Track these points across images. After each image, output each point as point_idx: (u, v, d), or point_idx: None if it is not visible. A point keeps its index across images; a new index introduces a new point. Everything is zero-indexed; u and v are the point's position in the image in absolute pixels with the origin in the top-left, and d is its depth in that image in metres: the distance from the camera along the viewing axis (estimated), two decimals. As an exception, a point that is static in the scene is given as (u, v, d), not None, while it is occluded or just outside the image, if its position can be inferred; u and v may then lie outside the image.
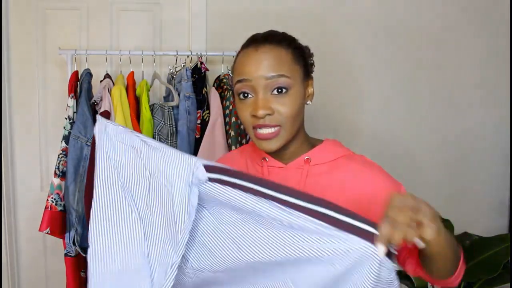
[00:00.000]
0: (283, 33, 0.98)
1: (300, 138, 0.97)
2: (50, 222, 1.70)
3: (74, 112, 1.75)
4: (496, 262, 1.85)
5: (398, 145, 2.21)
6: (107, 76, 1.86)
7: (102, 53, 1.86)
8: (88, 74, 1.82)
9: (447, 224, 2.04)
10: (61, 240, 1.77)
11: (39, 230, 1.70)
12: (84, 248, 1.74)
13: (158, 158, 0.74)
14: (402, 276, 2.04)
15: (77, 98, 1.77)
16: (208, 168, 0.73)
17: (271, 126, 0.89)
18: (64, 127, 1.75)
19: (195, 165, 0.72)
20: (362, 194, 0.90)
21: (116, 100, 1.73)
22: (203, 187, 0.73)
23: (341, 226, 0.68)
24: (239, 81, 0.91)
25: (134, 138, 0.77)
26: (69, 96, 1.77)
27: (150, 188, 0.75)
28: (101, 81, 1.86)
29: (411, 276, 1.99)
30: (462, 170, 2.24)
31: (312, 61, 1.00)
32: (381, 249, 0.66)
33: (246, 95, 0.91)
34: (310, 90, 0.97)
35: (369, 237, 0.67)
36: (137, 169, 0.76)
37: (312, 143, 1.01)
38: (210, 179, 0.72)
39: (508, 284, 1.87)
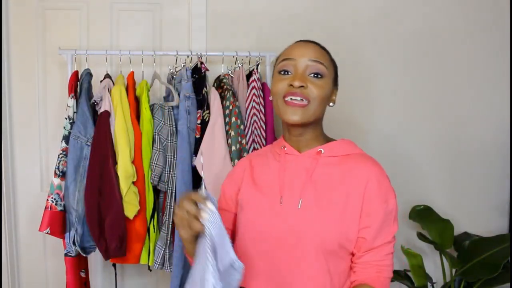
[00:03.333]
0: None
1: (317, 131, 1.10)
2: (50, 222, 1.70)
3: (74, 112, 1.75)
4: (496, 262, 1.85)
5: (398, 146, 2.21)
6: (107, 76, 1.86)
7: (102, 53, 1.86)
8: (88, 74, 1.82)
9: (447, 224, 2.04)
10: (61, 240, 1.77)
11: (39, 230, 1.70)
12: (84, 248, 1.74)
13: None
14: (402, 276, 2.04)
15: (77, 98, 1.77)
16: None
17: (301, 97, 1.02)
18: (64, 127, 1.75)
19: None
20: (354, 190, 1.03)
21: (116, 100, 1.73)
22: None
23: None
24: (284, 59, 1.06)
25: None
26: (69, 96, 1.77)
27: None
28: (101, 81, 1.86)
29: (411, 276, 1.99)
30: (462, 171, 2.24)
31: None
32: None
33: (286, 72, 1.05)
34: (333, 97, 1.11)
35: None
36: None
37: (328, 139, 1.14)
38: None
39: (508, 284, 1.87)
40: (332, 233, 1.00)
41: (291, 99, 1.02)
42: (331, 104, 1.10)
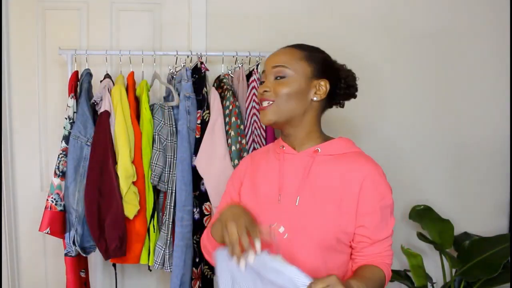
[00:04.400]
0: (311, 45, 1.19)
1: (307, 129, 1.13)
2: (50, 222, 1.70)
3: (74, 112, 1.75)
4: (496, 262, 1.85)
5: (398, 146, 2.21)
6: (107, 76, 1.86)
7: (102, 53, 1.86)
8: (88, 74, 1.82)
9: (447, 224, 2.04)
10: (61, 240, 1.77)
11: (39, 230, 1.70)
12: (84, 248, 1.74)
13: None
14: (402, 276, 2.04)
15: (77, 98, 1.77)
16: None
17: (267, 100, 1.11)
18: (64, 127, 1.75)
19: None
20: (350, 188, 1.06)
21: (116, 100, 1.73)
22: None
23: None
24: (262, 72, 1.17)
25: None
26: (69, 96, 1.77)
27: None
28: (101, 81, 1.86)
29: (411, 276, 1.99)
30: (462, 171, 2.24)
31: (344, 85, 1.20)
32: None
33: (263, 81, 1.16)
34: (314, 90, 1.12)
35: None
36: None
37: (325, 138, 1.17)
38: None
39: (508, 284, 1.87)
40: (329, 228, 1.04)
41: (261, 104, 1.13)
42: (314, 98, 1.12)
